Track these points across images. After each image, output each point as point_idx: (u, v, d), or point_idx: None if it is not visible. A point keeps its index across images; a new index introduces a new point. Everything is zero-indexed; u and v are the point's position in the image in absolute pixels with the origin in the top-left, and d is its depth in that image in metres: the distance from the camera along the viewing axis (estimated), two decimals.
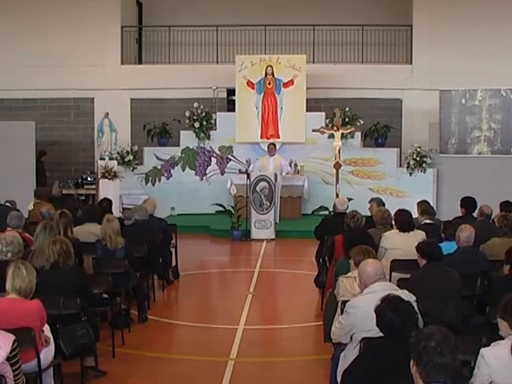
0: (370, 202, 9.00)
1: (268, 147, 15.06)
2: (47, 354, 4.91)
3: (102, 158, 14.45)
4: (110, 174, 14.03)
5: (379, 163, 15.79)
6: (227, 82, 16.34)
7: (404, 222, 7.17)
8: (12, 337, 4.13)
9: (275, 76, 15.85)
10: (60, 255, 5.72)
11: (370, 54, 17.25)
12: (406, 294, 4.22)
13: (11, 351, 4.07)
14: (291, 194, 15.24)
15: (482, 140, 14.98)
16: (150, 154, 16.20)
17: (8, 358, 4.06)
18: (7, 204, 9.80)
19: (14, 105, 17.45)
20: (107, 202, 9.62)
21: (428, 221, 7.85)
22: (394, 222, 7.48)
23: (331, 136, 14.27)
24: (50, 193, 10.48)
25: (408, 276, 5.88)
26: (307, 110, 15.86)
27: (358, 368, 3.79)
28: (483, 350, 3.65)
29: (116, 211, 11.83)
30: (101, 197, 11.89)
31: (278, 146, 15.79)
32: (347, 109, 15.57)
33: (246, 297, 8.72)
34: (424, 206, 8.30)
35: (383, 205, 8.60)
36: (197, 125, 15.88)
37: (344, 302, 4.97)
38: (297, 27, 17.30)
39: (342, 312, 4.95)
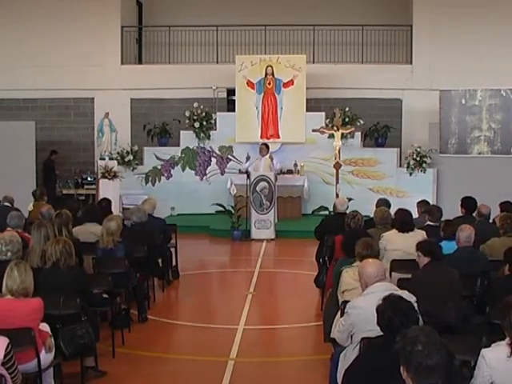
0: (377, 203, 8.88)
1: (260, 148, 14.88)
2: (47, 354, 4.91)
3: (101, 158, 14.45)
4: (109, 174, 14.03)
5: (379, 163, 15.78)
6: (227, 82, 16.34)
7: (403, 222, 7.15)
8: (6, 340, 4.08)
9: (275, 76, 15.85)
10: (62, 254, 5.73)
11: (370, 54, 17.25)
12: (406, 295, 4.22)
13: (5, 356, 4.03)
14: (291, 194, 15.24)
15: (482, 140, 14.98)
16: (150, 154, 16.21)
17: (3, 363, 4.02)
18: (6, 204, 9.82)
19: (14, 105, 17.45)
20: (106, 202, 9.64)
21: (430, 223, 7.78)
22: (394, 220, 7.45)
23: (331, 136, 14.27)
24: (44, 194, 10.44)
25: (408, 276, 5.88)
26: (307, 110, 15.86)
27: (358, 368, 3.80)
28: (484, 351, 3.65)
29: (116, 211, 11.82)
30: (101, 197, 11.89)
31: (278, 146, 15.80)
32: (347, 109, 15.57)
33: (246, 297, 8.73)
34: (430, 208, 8.24)
35: (388, 206, 8.50)
36: (197, 125, 15.88)
37: (345, 303, 4.97)
38: (297, 27, 17.30)
39: (342, 313, 4.94)
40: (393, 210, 7.94)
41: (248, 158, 15.31)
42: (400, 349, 2.98)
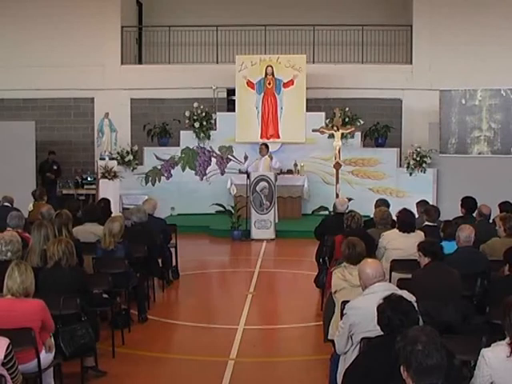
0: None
1: (260, 148, 14.87)
2: (47, 354, 4.92)
3: (101, 158, 14.45)
4: (110, 174, 14.03)
5: (379, 163, 15.79)
6: (227, 82, 16.34)
7: (405, 222, 7.15)
8: (6, 341, 4.08)
9: (275, 76, 15.85)
10: (64, 254, 5.73)
11: (370, 54, 17.25)
12: (405, 295, 4.22)
13: (5, 356, 4.03)
14: (291, 194, 15.24)
15: (482, 140, 14.98)
16: (150, 153, 16.21)
17: (3, 364, 4.02)
18: (6, 204, 9.82)
19: (14, 105, 17.44)
20: (105, 202, 9.65)
21: (429, 223, 7.78)
22: (396, 219, 7.44)
23: (331, 136, 14.28)
24: (43, 194, 10.46)
25: (408, 276, 5.88)
26: (307, 110, 15.85)
27: (358, 367, 3.80)
28: (484, 351, 3.65)
29: (116, 211, 11.82)
30: (101, 197, 11.89)
31: (278, 146, 15.80)
32: (347, 109, 15.57)
33: (246, 297, 8.73)
34: (427, 208, 8.24)
35: (387, 206, 8.51)
36: (197, 125, 15.88)
37: (344, 303, 4.97)
38: (297, 27, 17.30)
39: (342, 315, 4.93)
40: (392, 210, 7.93)
41: (246, 158, 15.31)
42: (400, 348, 2.99)
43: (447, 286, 5.49)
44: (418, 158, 15.15)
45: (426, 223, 7.76)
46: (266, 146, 14.86)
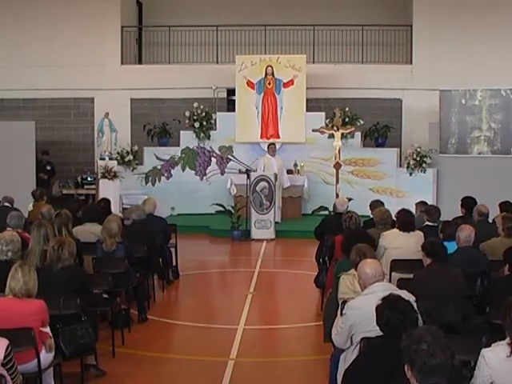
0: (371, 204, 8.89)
1: (268, 147, 14.99)
2: (47, 354, 4.91)
3: (101, 158, 14.46)
4: (109, 174, 14.04)
5: (379, 163, 15.78)
6: (227, 82, 16.34)
7: (404, 222, 7.15)
8: (5, 342, 4.08)
9: (275, 76, 15.85)
10: (51, 256, 5.71)
11: (370, 54, 17.25)
12: (405, 294, 4.21)
13: (5, 357, 4.03)
14: (291, 194, 15.25)
15: (482, 140, 14.98)
16: (150, 153, 16.20)
17: (3, 364, 4.02)
18: (6, 204, 9.82)
19: (14, 105, 17.44)
20: (105, 202, 9.65)
21: (429, 223, 7.78)
22: (396, 219, 7.44)
23: (331, 136, 14.28)
24: (43, 194, 10.47)
25: (408, 276, 5.88)
26: (307, 110, 15.85)
27: (357, 367, 3.80)
28: (484, 351, 3.65)
29: (116, 211, 11.82)
30: (101, 197, 11.90)
31: (278, 146, 15.81)
32: (347, 109, 15.57)
33: (246, 297, 8.73)
34: (428, 208, 8.23)
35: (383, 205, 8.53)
36: (197, 125, 15.88)
37: (344, 303, 4.96)
38: (297, 27, 17.30)
39: (341, 314, 4.93)
40: (392, 210, 7.92)
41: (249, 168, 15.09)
42: (405, 347, 2.99)
43: (449, 286, 5.49)
44: (418, 158, 15.14)
45: (427, 223, 7.75)
46: (275, 145, 15.05)
